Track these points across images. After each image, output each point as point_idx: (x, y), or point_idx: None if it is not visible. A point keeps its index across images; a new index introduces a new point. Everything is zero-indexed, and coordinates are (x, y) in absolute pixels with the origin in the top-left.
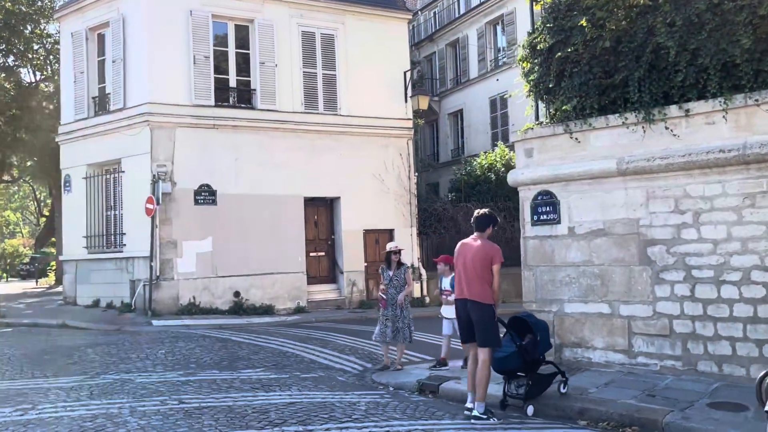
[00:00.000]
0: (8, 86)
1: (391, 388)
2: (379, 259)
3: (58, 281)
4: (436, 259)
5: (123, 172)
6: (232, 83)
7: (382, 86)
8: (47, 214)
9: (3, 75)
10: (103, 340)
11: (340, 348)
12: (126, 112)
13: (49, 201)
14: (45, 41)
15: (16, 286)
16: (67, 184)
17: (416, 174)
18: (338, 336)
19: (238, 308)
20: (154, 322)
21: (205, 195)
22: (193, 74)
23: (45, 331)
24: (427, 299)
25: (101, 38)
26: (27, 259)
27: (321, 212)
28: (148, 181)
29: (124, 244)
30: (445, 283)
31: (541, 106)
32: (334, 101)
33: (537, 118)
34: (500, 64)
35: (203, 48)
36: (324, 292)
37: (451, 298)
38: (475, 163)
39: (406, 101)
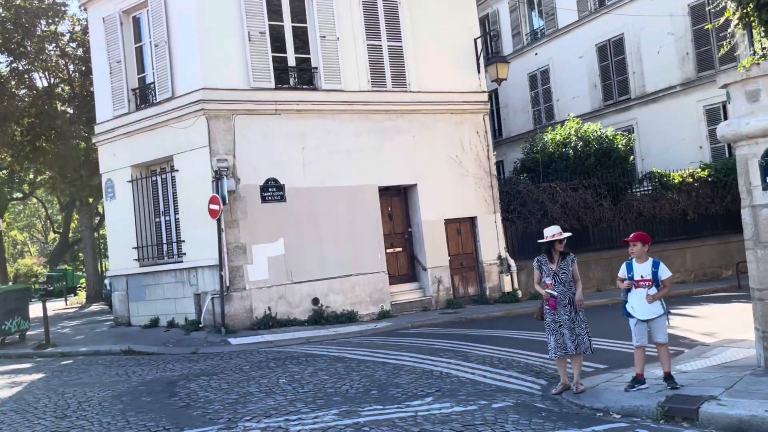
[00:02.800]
0: (22, 92)
1: (617, 415)
2: (464, 252)
3: (90, 299)
4: (629, 238)
5: (176, 170)
6: (291, 62)
7: (452, 57)
8: (58, 230)
9: (14, 81)
10: (196, 369)
11: (488, 361)
12: (175, 101)
13: (59, 217)
14: (59, 40)
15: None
16: (110, 190)
17: (495, 153)
18: (465, 345)
19: (318, 317)
20: (231, 341)
21: (273, 191)
22: (249, 53)
23: (111, 360)
24: (519, 293)
25: (136, 22)
26: (44, 278)
27: (394, 203)
28: (208, 179)
29: (184, 253)
30: (643, 270)
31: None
32: (403, 76)
33: (752, 48)
34: (538, 36)
35: (258, 23)
36: (406, 292)
37: (652, 291)
38: (546, 138)
39: (478, 72)
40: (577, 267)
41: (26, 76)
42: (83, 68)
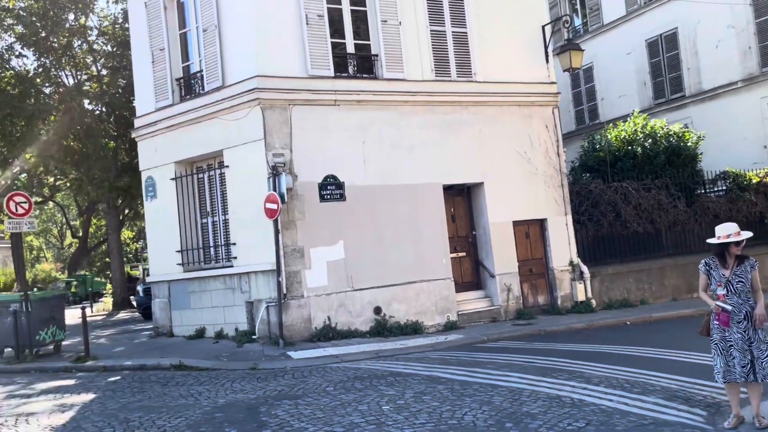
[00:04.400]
0: (48, 90)
1: None
2: (533, 257)
3: (117, 306)
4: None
5: (226, 166)
6: (350, 48)
7: (519, 45)
8: (77, 235)
9: (39, 79)
10: (271, 390)
11: (617, 383)
12: (226, 90)
13: (77, 222)
14: (87, 35)
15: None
16: (150, 189)
17: (565, 150)
18: (572, 363)
19: (381, 328)
20: (292, 354)
21: (332, 189)
22: (307, 38)
23: (164, 377)
24: (594, 302)
25: (181, 6)
26: (62, 285)
27: (458, 203)
28: (263, 176)
29: (234, 257)
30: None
31: None
32: (468, 65)
33: None
34: (580, 33)
35: (316, 4)
36: (472, 301)
37: None
38: (609, 136)
39: (547, 61)
40: (655, 275)
41: (53, 72)
42: (112, 63)
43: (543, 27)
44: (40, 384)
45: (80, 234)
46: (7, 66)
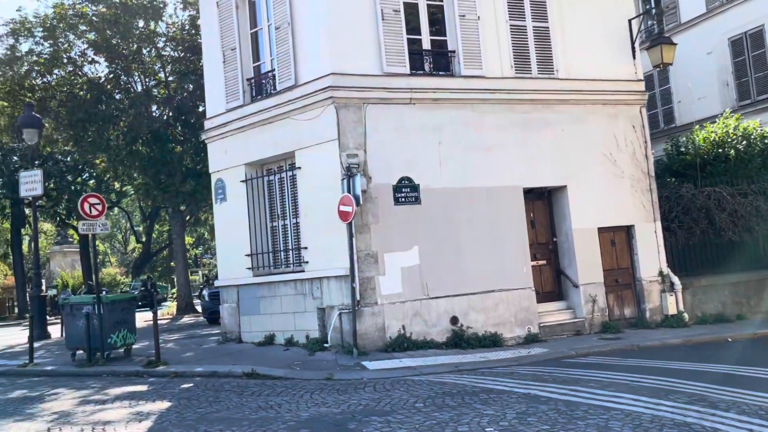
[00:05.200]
0: (118, 96)
1: None
2: (619, 266)
3: (180, 311)
4: None
5: (298, 168)
6: (426, 44)
7: (603, 39)
8: (141, 240)
9: (110, 86)
10: (355, 404)
11: (753, 411)
12: (299, 90)
13: (141, 228)
14: (155, 42)
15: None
16: (220, 191)
17: (653, 152)
18: (686, 384)
19: (458, 339)
20: (367, 365)
21: (407, 191)
22: (383, 34)
23: (239, 386)
24: (686, 316)
25: (252, 5)
26: (127, 288)
27: (538, 207)
28: (336, 177)
29: (306, 262)
30: None
31: None
32: (550, 61)
33: None
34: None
35: None
36: (553, 313)
37: None
38: (696, 138)
39: (633, 57)
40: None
41: (123, 78)
42: (180, 68)
43: (629, 21)
44: (113, 389)
45: (143, 239)
46: (80, 72)
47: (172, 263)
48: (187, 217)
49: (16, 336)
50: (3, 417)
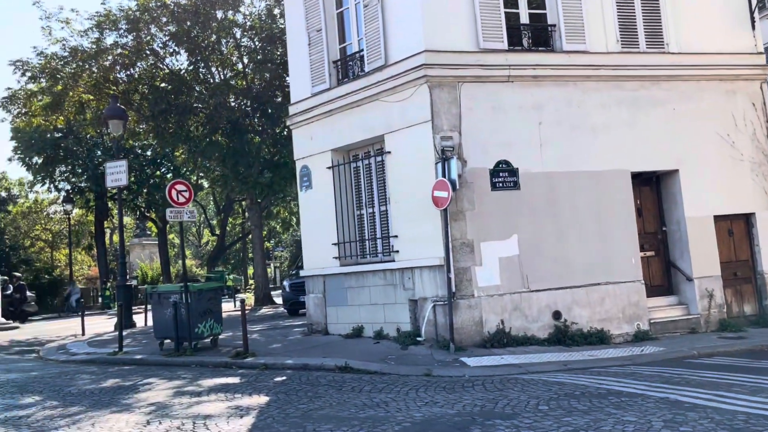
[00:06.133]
0: (198, 88)
1: None
2: (737, 258)
3: (259, 302)
4: None
5: (387, 152)
6: (524, 18)
7: (718, 9)
8: (215, 233)
9: (189, 77)
10: (468, 404)
11: None
12: (389, 70)
13: (215, 221)
14: (234, 32)
15: None
16: (305, 179)
17: None
18: None
19: (562, 335)
20: (467, 361)
21: (504, 176)
22: (478, 7)
23: (335, 380)
24: None
25: None
26: (203, 280)
27: (645, 194)
28: (428, 162)
29: (396, 251)
30: None
31: None
32: (659, 35)
33: None
34: None
35: None
36: (664, 308)
37: None
38: None
39: (753, 28)
40: None
41: (202, 69)
42: (257, 58)
43: None
44: (205, 380)
45: (218, 232)
46: (161, 64)
47: (249, 254)
48: (263, 211)
49: (102, 325)
50: (99, 407)
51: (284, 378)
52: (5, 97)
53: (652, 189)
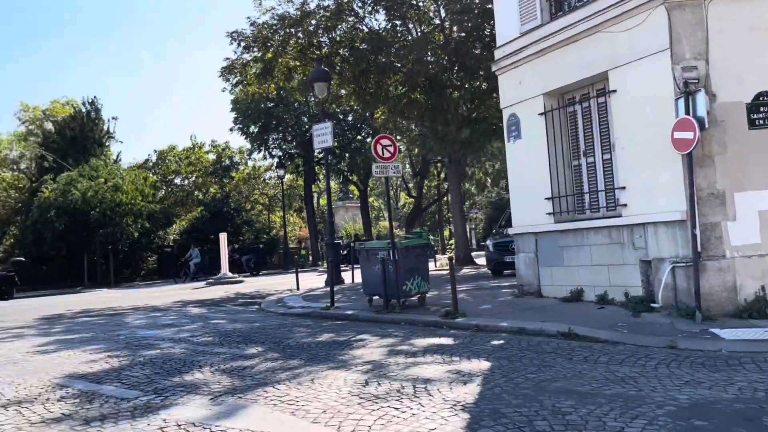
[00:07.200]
0: (395, 46)
1: None
2: None
3: (459, 261)
4: None
5: (612, 91)
6: None
7: None
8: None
9: (389, 36)
10: (746, 387)
11: None
12: None
13: (411, 184)
14: None
15: None
16: (513, 128)
17: None
18: None
19: None
20: (720, 333)
21: (766, 111)
22: None
23: (558, 346)
24: None
25: None
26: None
27: None
28: (665, 98)
29: (623, 204)
30: None
31: None
32: None
33: None
34: None
35: None
36: None
37: None
38: None
39: None
40: None
41: (400, 28)
42: (457, 7)
43: None
44: (417, 339)
45: (414, 194)
46: (360, 25)
47: (446, 215)
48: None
49: (313, 280)
50: (317, 362)
51: (501, 342)
52: (224, 67)
53: None
